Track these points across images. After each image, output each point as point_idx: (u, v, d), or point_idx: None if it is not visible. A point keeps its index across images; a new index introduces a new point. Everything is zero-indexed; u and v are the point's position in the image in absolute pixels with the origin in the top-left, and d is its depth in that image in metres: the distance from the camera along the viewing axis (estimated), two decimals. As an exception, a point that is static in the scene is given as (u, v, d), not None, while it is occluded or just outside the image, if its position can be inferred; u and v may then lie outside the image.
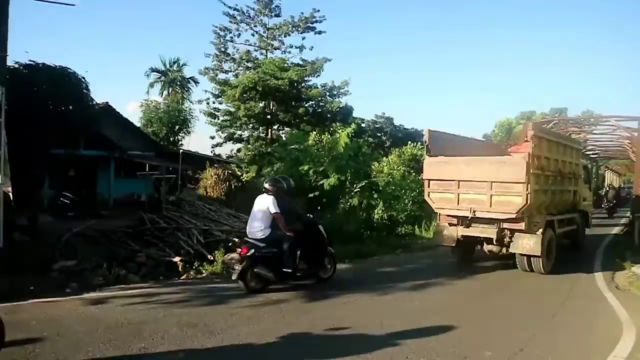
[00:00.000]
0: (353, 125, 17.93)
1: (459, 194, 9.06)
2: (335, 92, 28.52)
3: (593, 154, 32.37)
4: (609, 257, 11.23)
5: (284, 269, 7.08)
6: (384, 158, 24.43)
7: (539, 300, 7.08)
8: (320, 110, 28.19)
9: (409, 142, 25.63)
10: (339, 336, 5.17)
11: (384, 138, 37.90)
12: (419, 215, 15.37)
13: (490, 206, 8.60)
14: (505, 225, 8.80)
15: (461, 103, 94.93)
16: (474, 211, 8.82)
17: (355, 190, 15.22)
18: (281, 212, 7.15)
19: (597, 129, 24.48)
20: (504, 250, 9.41)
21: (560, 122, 25.30)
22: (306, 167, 15.27)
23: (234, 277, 7.02)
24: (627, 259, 10.11)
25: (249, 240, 7.11)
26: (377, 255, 11.11)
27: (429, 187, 9.53)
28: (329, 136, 17.15)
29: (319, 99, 28.19)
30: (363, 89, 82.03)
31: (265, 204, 7.19)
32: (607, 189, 29.37)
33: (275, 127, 29.24)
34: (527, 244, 8.63)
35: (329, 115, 27.88)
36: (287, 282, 7.31)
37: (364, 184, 15.43)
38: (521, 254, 8.90)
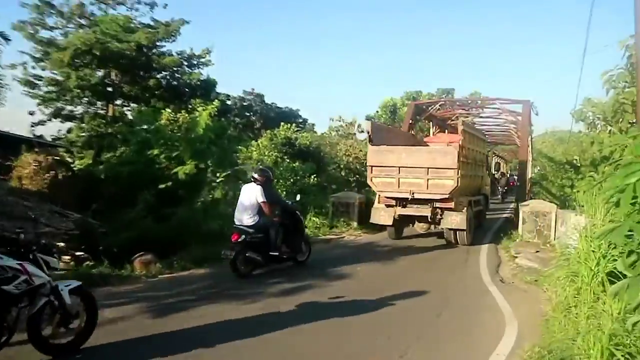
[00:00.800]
0: (216, 102, 17.42)
1: (399, 178, 12.37)
2: (194, 62, 27.77)
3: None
4: (496, 246, 12.76)
5: (271, 253, 9.03)
6: (254, 142, 24.35)
7: (425, 298, 7.50)
8: (175, 83, 27.28)
9: (282, 124, 25.72)
10: None
11: (254, 118, 37.91)
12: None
13: (427, 188, 12.10)
14: (438, 204, 12.43)
15: (343, 83, 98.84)
16: (413, 193, 12.22)
17: (218, 180, 14.85)
18: (268, 200, 9.01)
19: (484, 112, 27.08)
20: (432, 227, 13.40)
21: (447, 104, 27.50)
22: (156, 151, 14.53)
23: (226, 263, 8.70)
24: (512, 250, 11.31)
25: (239, 227, 8.87)
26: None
27: (372, 172, 12.75)
28: (187, 115, 16.47)
29: (175, 69, 27.19)
30: (229, 60, 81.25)
31: (253, 193, 9.01)
32: (499, 175, 32.96)
33: (119, 102, 27.58)
34: (454, 220, 12.35)
35: (186, 90, 27.11)
36: (271, 265, 9.14)
37: (229, 172, 15.13)
38: (449, 229, 12.68)
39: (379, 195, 13.28)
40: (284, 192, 15.57)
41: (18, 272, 4.40)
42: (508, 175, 37.73)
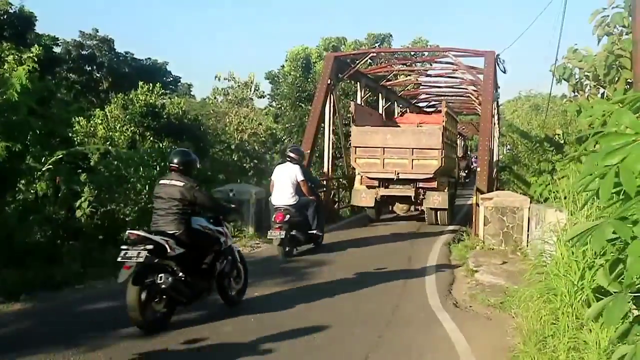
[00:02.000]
0: (36, 49, 16.69)
1: (384, 159, 17.48)
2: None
3: (428, 107, 37.01)
4: (448, 256, 13.29)
5: (309, 231, 13.30)
6: (98, 110, 23.68)
7: (345, 337, 7.57)
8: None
9: (141, 84, 25.20)
10: None
11: (98, 75, 36.73)
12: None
13: (412, 169, 17.38)
14: (421, 185, 17.73)
15: (235, 25, 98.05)
16: (398, 173, 17.43)
17: (43, 169, 14.29)
18: (306, 179, 13.05)
19: (433, 68, 27.80)
20: (412, 208, 19.03)
21: (381, 56, 27.96)
22: (-59, 127, 13.75)
23: (276, 243, 12.49)
24: (468, 260, 11.69)
25: (282, 206, 12.61)
26: (82, 284, 10.58)
27: (355, 153, 18.03)
28: (-10, 69, 15.67)
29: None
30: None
31: (292, 172, 12.95)
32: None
33: None
34: (437, 199, 17.63)
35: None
36: (310, 244, 13.59)
37: (60, 156, 14.58)
38: (431, 208, 18.04)
39: (361, 177, 18.59)
40: (144, 188, 15.23)
41: (221, 234, 8.46)
42: (469, 156, 39.08)
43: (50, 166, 14.40)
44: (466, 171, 33.93)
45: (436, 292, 10.07)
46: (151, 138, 21.60)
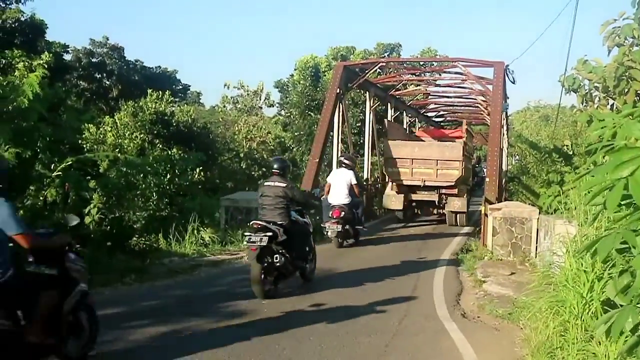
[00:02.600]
0: (47, 56, 16.75)
1: (412, 168, 20.37)
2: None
3: (437, 117, 37.18)
4: (456, 267, 13.17)
5: (357, 227, 15.76)
6: (108, 118, 23.74)
7: (352, 348, 7.54)
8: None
9: (151, 92, 25.26)
10: None
11: (108, 82, 36.87)
12: (169, 217, 15.23)
13: (436, 177, 20.28)
14: (443, 191, 20.91)
15: (245, 34, 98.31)
16: (424, 181, 20.46)
17: (52, 175, 14.33)
18: (357, 183, 15.87)
19: (442, 78, 27.83)
20: (435, 211, 22.46)
21: (390, 66, 27.96)
22: (-46, 133, 13.81)
23: (333, 235, 14.84)
24: (477, 271, 11.65)
25: (338, 205, 14.95)
26: (92, 288, 10.58)
27: (387, 163, 21.37)
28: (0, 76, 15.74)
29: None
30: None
31: (347, 176, 15.49)
32: None
33: None
34: (457, 204, 20.59)
35: (-1, 35, 25.82)
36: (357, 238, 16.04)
37: (69, 163, 14.62)
38: (452, 212, 20.90)
39: (392, 183, 21.73)
40: (153, 196, 15.24)
41: (307, 224, 11.26)
42: (477, 166, 39.21)
43: (60, 173, 14.44)
44: (474, 181, 34.11)
45: (444, 302, 10.02)
46: (160, 145, 21.61)
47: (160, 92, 25.83)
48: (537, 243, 13.41)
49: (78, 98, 28.39)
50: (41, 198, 14.10)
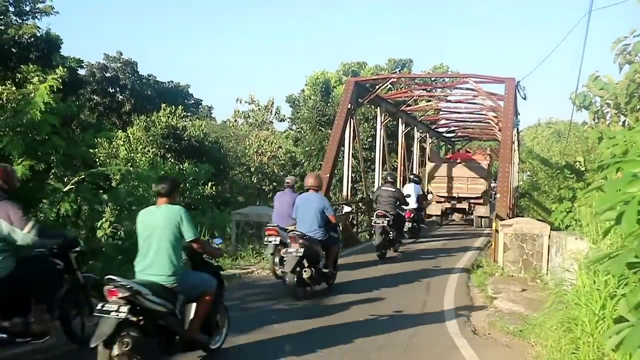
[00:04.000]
0: (61, 71, 16.86)
1: (448, 184, 27.76)
2: (27, 9, 27.15)
3: (448, 132, 37.37)
4: (467, 282, 13.13)
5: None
6: (121, 132, 23.86)
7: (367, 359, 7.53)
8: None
9: (164, 106, 25.39)
10: None
11: (121, 97, 37.06)
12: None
13: (467, 190, 27.81)
14: (472, 201, 28.21)
15: (255, 49, 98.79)
16: (458, 193, 27.85)
17: (65, 189, 14.40)
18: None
19: (453, 94, 27.91)
20: (465, 216, 30.34)
21: (401, 81, 28.07)
22: (-33, 146, 13.90)
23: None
24: (487, 287, 11.60)
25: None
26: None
27: (430, 179, 28.50)
28: (15, 89, 15.83)
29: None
30: (85, 8, 79.13)
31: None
32: None
33: None
34: (482, 210, 27.95)
35: (13, 50, 26.29)
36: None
37: (82, 177, 14.69)
38: (478, 216, 28.03)
39: (433, 195, 27.99)
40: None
41: None
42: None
43: (73, 186, 14.51)
44: (495, 192, 36.97)
45: (455, 317, 9.98)
46: (172, 159, 21.67)
47: (173, 106, 25.99)
48: (548, 259, 13.35)
49: (91, 112, 28.72)
50: (55, 212, 14.14)
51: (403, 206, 17.70)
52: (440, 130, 36.63)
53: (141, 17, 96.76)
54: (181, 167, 20.16)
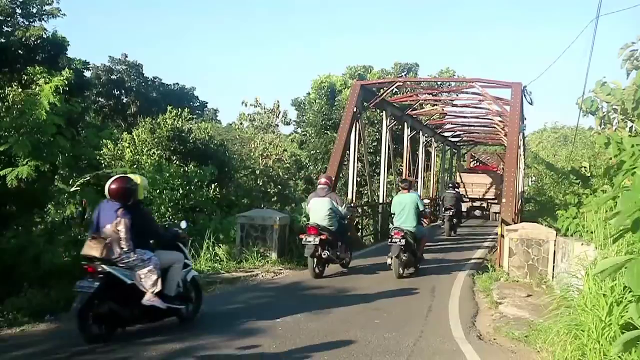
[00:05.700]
0: (67, 73, 16.90)
1: (472, 188, 37.65)
2: (33, 11, 27.22)
3: (454, 137, 37.57)
4: (472, 287, 13.16)
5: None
6: (126, 134, 23.89)
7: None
8: (2, 40, 26.49)
9: (170, 108, 25.41)
10: None
11: (127, 99, 37.14)
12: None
13: (485, 194, 38.01)
14: (489, 201, 38.00)
15: (262, 53, 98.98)
16: (479, 196, 38.03)
17: (70, 190, 14.41)
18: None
19: (459, 98, 27.91)
20: (483, 212, 39.01)
21: (407, 85, 28.06)
22: (-27, 146, 13.95)
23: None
24: (492, 292, 11.58)
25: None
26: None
27: (461, 184, 35.72)
28: (20, 90, 15.89)
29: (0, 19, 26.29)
30: (89, 11, 79.34)
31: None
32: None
33: None
34: (496, 208, 33.28)
35: (20, 52, 26.42)
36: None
37: (87, 178, 14.70)
38: (494, 212, 35.81)
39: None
40: (169, 210, 15.29)
41: None
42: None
43: (78, 188, 14.52)
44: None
45: (459, 323, 9.95)
46: (177, 162, 21.67)
47: (178, 108, 26.02)
48: (554, 265, 13.31)
49: (97, 114, 28.78)
50: (59, 214, 14.16)
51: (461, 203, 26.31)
52: (445, 134, 36.97)
53: (147, 20, 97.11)
54: (186, 169, 20.14)
